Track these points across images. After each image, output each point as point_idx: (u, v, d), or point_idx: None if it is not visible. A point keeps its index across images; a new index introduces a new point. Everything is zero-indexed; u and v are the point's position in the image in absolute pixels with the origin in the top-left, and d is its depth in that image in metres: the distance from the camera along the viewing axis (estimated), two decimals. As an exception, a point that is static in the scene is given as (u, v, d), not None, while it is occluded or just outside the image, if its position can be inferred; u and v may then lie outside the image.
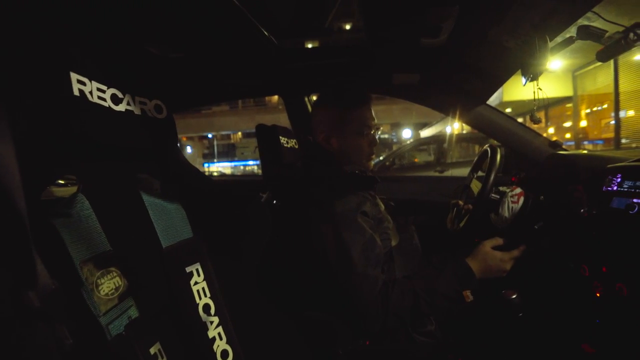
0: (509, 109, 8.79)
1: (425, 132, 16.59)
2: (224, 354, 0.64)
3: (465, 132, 7.35)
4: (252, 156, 20.72)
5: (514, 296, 0.97)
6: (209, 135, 22.82)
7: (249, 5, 0.93)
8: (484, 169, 1.36)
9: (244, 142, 23.07)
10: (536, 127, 1.66)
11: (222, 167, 22.77)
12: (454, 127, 7.85)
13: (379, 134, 1.17)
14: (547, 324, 1.05)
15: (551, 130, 9.81)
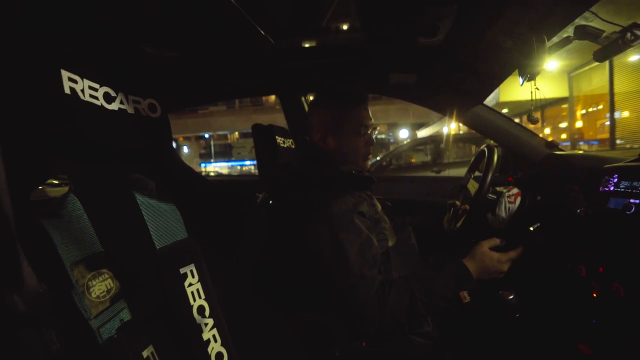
0: (505, 110, 8.82)
1: (422, 133, 16.62)
2: (219, 357, 0.63)
3: (462, 132, 7.37)
4: (249, 156, 20.69)
5: (511, 297, 0.96)
6: (206, 135, 22.76)
7: (246, 4, 0.92)
8: (481, 169, 1.36)
9: (240, 142, 23.01)
10: (532, 127, 1.66)
11: (219, 167, 22.71)
12: (451, 128, 7.87)
13: (376, 134, 1.16)
14: (544, 324, 1.05)
15: (547, 130, 9.86)
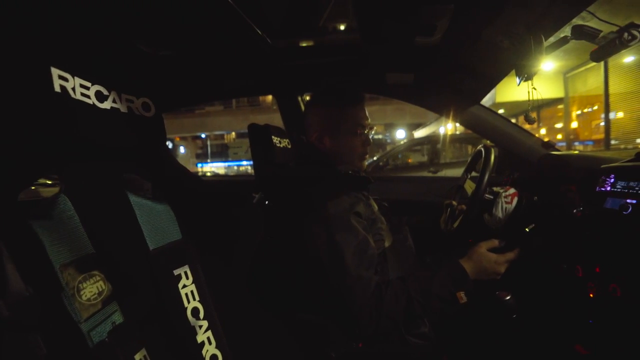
0: (501, 110, 8.85)
1: (418, 133, 16.64)
2: (213, 359, 0.62)
3: (458, 132, 7.39)
4: (245, 156, 20.62)
5: (508, 297, 0.96)
6: (203, 135, 22.67)
7: (243, 3, 0.91)
8: (477, 169, 1.36)
9: (236, 142, 22.91)
10: (529, 127, 1.67)
11: (216, 167, 22.63)
12: (448, 128, 7.89)
13: (373, 134, 1.15)
14: (541, 325, 1.05)
15: (543, 131, 9.90)
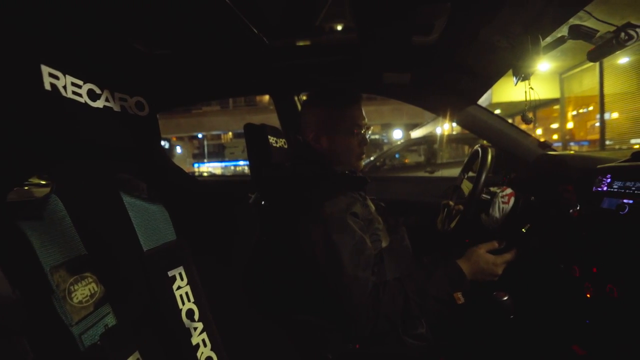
0: (498, 110, 8.89)
1: (415, 133, 16.66)
2: None
3: (455, 132, 7.41)
4: (242, 156, 20.58)
5: (505, 298, 0.96)
6: (199, 135, 22.61)
7: (239, 2, 0.90)
8: (474, 169, 1.36)
9: (233, 142, 22.86)
10: (525, 128, 1.67)
11: (213, 167, 22.57)
12: (444, 128, 7.91)
13: (369, 134, 1.15)
14: (538, 325, 1.05)
15: (539, 131, 9.96)
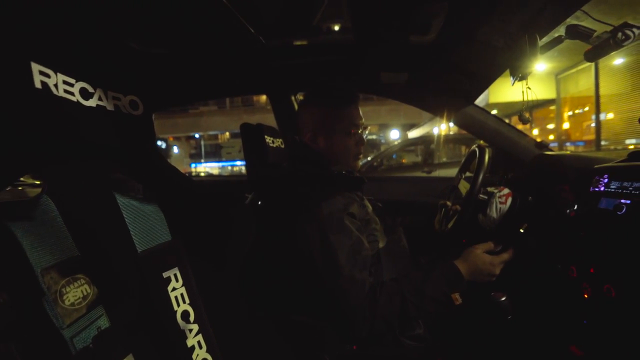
0: (494, 111, 8.92)
1: (412, 133, 16.70)
2: None
3: (452, 133, 7.43)
4: (238, 156, 20.53)
5: (503, 298, 0.96)
6: (196, 135, 22.55)
7: (236, 2, 0.90)
8: (472, 169, 1.35)
9: (230, 142, 22.80)
10: (521, 128, 1.67)
11: (210, 167, 22.51)
12: (442, 128, 7.93)
13: (367, 134, 1.14)
14: (535, 326, 1.04)
15: (535, 131, 10.00)
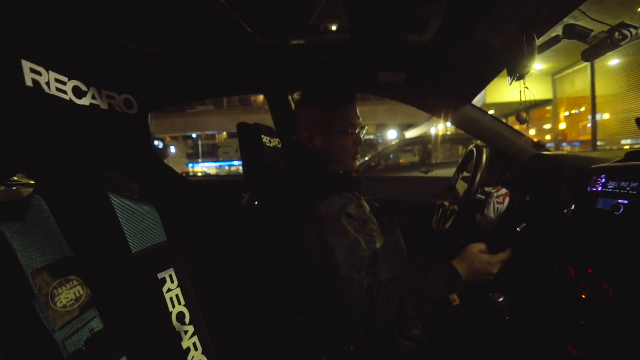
0: (492, 111, 8.95)
1: (410, 133, 16.71)
2: None
3: (450, 133, 7.45)
4: (236, 156, 20.44)
5: (501, 299, 0.96)
6: (194, 135, 22.48)
7: (233, 1, 0.89)
8: (469, 169, 1.35)
9: (227, 142, 22.72)
10: (518, 128, 1.67)
11: (207, 167, 22.44)
12: (439, 129, 7.93)
13: (364, 134, 1.14)
14: (533, 326, 1.04)
15: (532, 132, 10.04)
